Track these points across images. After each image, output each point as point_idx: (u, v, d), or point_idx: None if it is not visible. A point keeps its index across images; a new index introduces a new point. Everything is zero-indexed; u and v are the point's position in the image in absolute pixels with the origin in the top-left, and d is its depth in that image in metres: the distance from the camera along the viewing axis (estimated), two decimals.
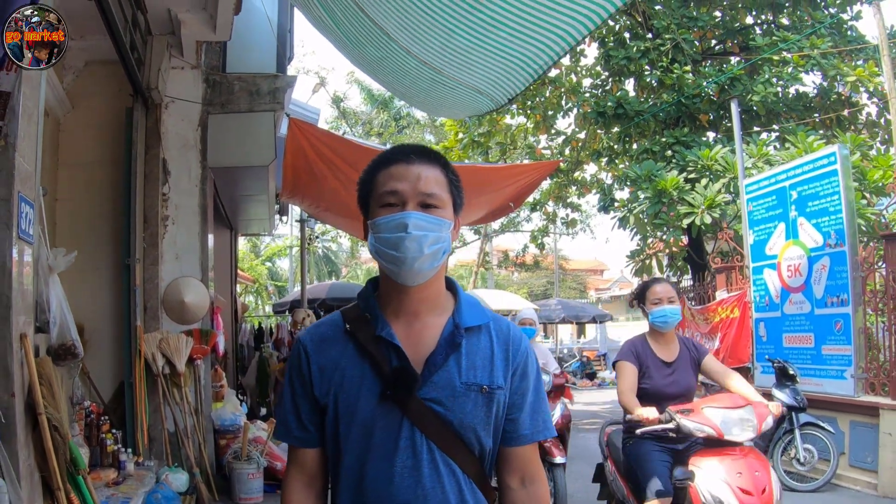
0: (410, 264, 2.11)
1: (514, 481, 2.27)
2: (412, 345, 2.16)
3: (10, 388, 3.23)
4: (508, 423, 2.24)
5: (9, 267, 3.25)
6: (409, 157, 2.21)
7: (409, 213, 2.11)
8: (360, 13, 6.93)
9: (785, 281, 11.21)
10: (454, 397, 2.12)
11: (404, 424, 2.09)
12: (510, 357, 2.24)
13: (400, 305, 2.22)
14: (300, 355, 2.23)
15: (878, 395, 9.53)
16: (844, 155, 10.13)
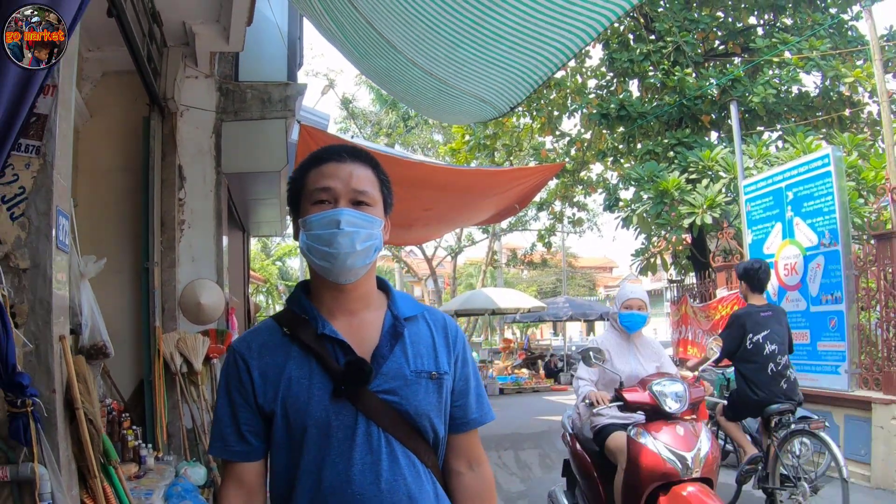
0: (343, 260, 2.12)
1: (462, 465, 2.32)
2: (355, 340, 2.17)
3: (51, 385, 3.53)
4: (456, 409, 2.29)
5: (49, 275, 3.54)
6: (342, 156, 2.24)
7: (342, 210, 2.13)
8: (367, 26, 7.23)
9: (782, 279, 11.47)
10: (406, 386, 2.14)
11: (359, 420, 2.09)
12: (450, 344, 2.30)
13: (335, 304, 2.23)
14: (237, 364, 2.18)
15: (871, 390, 9.78)
16: (838, 157, 10.38)
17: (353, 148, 2.29)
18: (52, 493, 3.40)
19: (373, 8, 6.87)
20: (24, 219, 3.54)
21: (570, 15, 6.19)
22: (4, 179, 3.47)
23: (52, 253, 3.56)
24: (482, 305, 29.04)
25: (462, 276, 55.57)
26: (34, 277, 3.53)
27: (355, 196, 2.17)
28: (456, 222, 20.04)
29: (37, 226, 3.55)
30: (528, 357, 31.67)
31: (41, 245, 3.55)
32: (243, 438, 2.15)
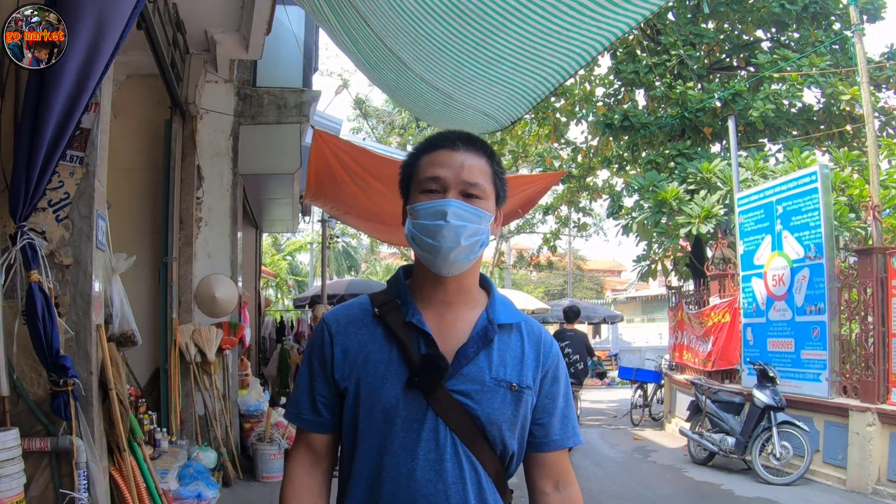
0: (446, 254, 2.04)
1: (548, 486, 2.23)
2: (443, 335, 2.10)
3: (89, 368, 3.97)
4: (538, 427, 2.20)
5: (89, 271, 3.99)
6: (455, 143, 2.14)
7: (450, 202, 2.04)
8: (379, 42, 7.65)
9: (770, 289, 11.86)
10: (483, 391, 2.06)
11: (428, 415, 2.02)
12: (541, 359, 2.20)
13: (432, 294, 2.16)
14: (323, 335, 2.16)
15: (850, 398, 10.19)
16: (825, 174, 10.77)
17: (468, 135, 2.20)
18: (87, 463, 3.85)
19: (384, 26, 7.29)
20: (69, 221, 3.98)
21: (567, 38, 6.62)
22: (51, 186, 3.89)
23: (92, 251, 4.01)
24: None
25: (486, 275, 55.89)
26: (76, 273, 3.97)
27: (466, 188, 2.08)
28: None
29: (79, 227, 3.99)
30: None
31: (83, 244, 3.99)
32: (316, 409, 2.15)
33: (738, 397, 11.42)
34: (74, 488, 3.79)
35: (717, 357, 13.55)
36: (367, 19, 7.30)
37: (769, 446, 10.32)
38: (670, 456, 12.73)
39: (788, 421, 10.30)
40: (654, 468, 11.83)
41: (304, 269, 50.24)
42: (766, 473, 10.22)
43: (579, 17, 6.28)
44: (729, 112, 16.59)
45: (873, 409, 9.60)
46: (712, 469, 11.33)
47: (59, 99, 3.56)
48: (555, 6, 6.12)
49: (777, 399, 10.37)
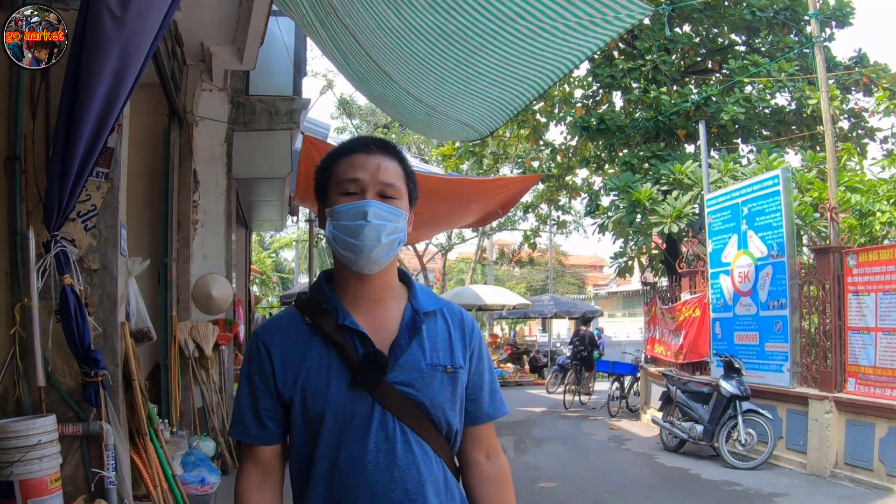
0: (368, 252, 2.11)
1: (479, 456, 2.33)
2: (375, 331, 2.17)
3: (115, 361, 4.42)
4: (471, 402, 2.30)
5: (115, 275, 4.44)
6: (370, 147, 2.22)
7: (370, 202, 2.12)
8: (367, 57, 8.11)
9: (736, 286, 12.40)
10: (422, 378, 2.14)
11: (376, 409, 2.09)
12: (467, 339, 2.30)
13: (358, 294, 2.22)
14: (260, 350, 2.19)
15: (809, 387, 10.74)
16: (787, 178, 11.32)
17: (381, 140, 2.29)
18: (115, 445, 4.30)
19: (371, 42, 7.76)
20: (96, 230, 4.43)
21: (542, 57, 7.13)
22: (81, 199, 4.33)
23: (117, 257, 4.46)
24: (470, 301, 29.68)
25: (453, 271, 55.99)
26: (103, 276, 4.42)
27: (383, 189, 2.17)
28: (444, 225, 20.95)
29: (105, 235, 4.44)
30: (514, 352, 32.39)
31: (108, 251, 4.44)
32: (261, 423, 2.18)
33: (707, 388, 11.93)
34: (103, 468, 4.24)
35: (688, 350, 14.10)
36: (355, 35, 7.75)
37: (735, 433, 10.85)
38: (644, 444, 13.27)
39: (753, 409, 10.83)
40: (628, 455, 12.37)
41: (289, 266, 50.47)
42: (733, 459, 10.76)
43: (553, 38, 6.77)
44: (701, 115, 17.10)
45: (830, 397, 10.16)
46: (683, 456, 11.87)
47: (89, 123, 3.96)
48: (530, 29, 6.62)
49: (742, 389, 10.90)
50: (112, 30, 3.90)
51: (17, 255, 4.19)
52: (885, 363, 9.42)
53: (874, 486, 9.30)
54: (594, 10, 6.39)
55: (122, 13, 3.87)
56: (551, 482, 10.05)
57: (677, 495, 9.42)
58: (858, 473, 9.65)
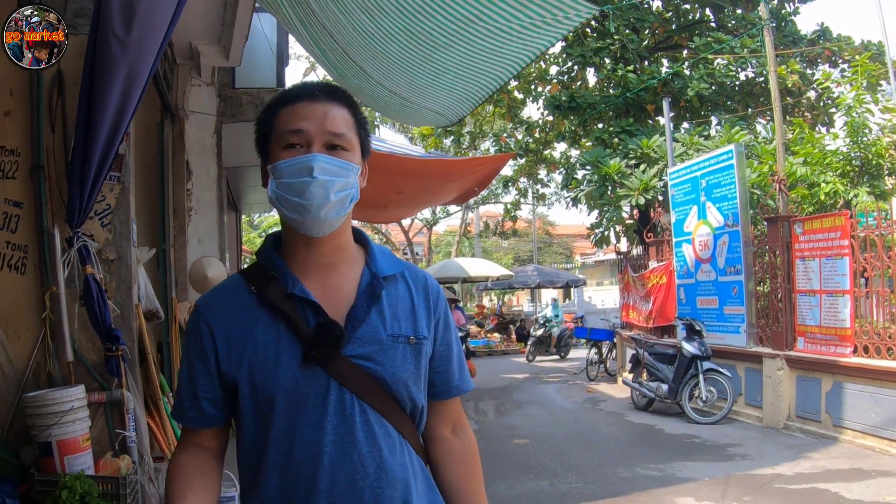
0: (316, 212, 1.89)
1: (446, 430, 2.16)
2: (328, 300, 1.96)
3: (132, 337, 5.10)
4: (438, 375, 2.11)
5: (129, 264, 5.10)
6: (315, 94, 1.99)
7: (315, 156, 1.89)
8: (344, 54, 8.76)
9: (697, 254, 13.14)
10: (382, 351, 1.94)
11: (331, 386, 1.88)
12: (431, 306, 2.09)
13: (307, 259, 2.00)
14: (199, 325, 1.98)
15: (764, 347, 11.51)
16: (740, 152, 12.04)
17: (327, 85, 2.06)
18: (134, 410, 4.99)
19: (348, 42, 8.42)
20: (111, 226, 5.08)
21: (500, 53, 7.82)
22: (97, 200, 4.97)
23: (130, 248, 5.13)
24: (455, 274, 30.14)
25: (441, 244, 56.33)
26: (119, 266, 5.09)
27: (330, 139, 1.94)
28: (424, 203, 21.58)
29: (119, 230, 5.10)
30: (501, 322, 32.99)
31: (122, 244, 5.10)
32: (198, 405, 1.99)
33: (672, 349, 12.66)
34: (125, 429, 4.92)
35: (656, 315, 14.85)
36: (332, 35, 8.40)
37: (697, 391, 11.62)
38: (617, 404, 14.04)
39: (713, 368, 11.59)
40: (601, 415, 13.15)
41: None
42: (695, 415, 11.53)
43: (509, 37, 7.46)
44: (668, 91, 17.76)
45: (782, 355, 10.98)
46: (651, 413, 12.64)
47: (102, 134, 4.56)
48: (489, 30, 7.31)
49: (703, 349, 11.66)
50: (118, 52, 4.43)
51: (44, 250, 4.79)
52: (828, 322, 10.19)
53: (821, 436, 10.09)
54: (545, 11, 7.05)
55: (126, 37, 4.36)
56: (525, 439, 10.82)
57: (640, 447, 10.19)
58: (808, 425, 10.46)
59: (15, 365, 4.71)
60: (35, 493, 4.19)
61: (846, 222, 9.93)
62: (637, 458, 9.48)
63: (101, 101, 4.45)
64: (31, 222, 4.84)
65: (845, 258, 9.90)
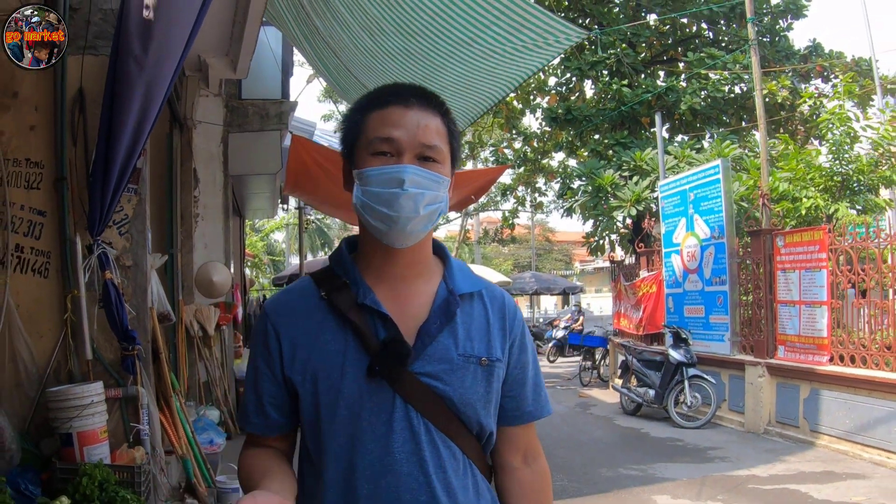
0: (403, 225, 1.79)
1: (516, 460, 2.02)
2: (401, 313, 1.85)
3: (146, 338, 5.45)
4: (510, 400, 1.98)
5: (144, 270, 5.47)
6: (409, 100, 1.86)
7: (406, 167, 1.78)
8: (348, 72, 9.18)
9: (685, 264, 13.52)
10: (452, 370, 1.83)
11: (397, 403, 1.79)
12: (507, 328, 1.96)
13: (383, 269, 1.89)
14: (266, 330, 1.91)
15: (747, 355, 11.89)
16: (726, 167, 12.43)
17: (421, 90, 1.93)
18: (148, 405, 5.35)
19: (350, 60, 8.83)
20: (129, 235, 5.44)
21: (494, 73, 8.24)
22: (116, 210, 5.35)
23: (146, 256, 5.50)
24: None
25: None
26: (135, 272, 5.45)
27: (423, 151, 1.82)
28: None
29: (136, 239, 5.47)
30: None
31: (138, 251, 5.47)
32: (263, 411, 1.92)
33: (659, 356, 13.00)
34: (139, 423, 5.28)
35: (646, 322, 15.22)
36: (335, 51, 8.82)
37: (682, 396, 11.99)
38: (607, 409, 14.41)
39: (698, 375, 11.96)
40: (591, 418, 13.53)
41: (279, 247, 51.08)
42: (680, 419, 11.90)
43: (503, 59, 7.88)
44: (662, 104, 18.16)
45: (763, 363, 11.38)
46: (638, 418, 13.01)
47: (122, 149, 4.87)
48: (484, 51, 7.71)
49: (689, 356, 12.04)
50: (136, 74, 4.71)
51: (66, 256, 5.12)
52: (806, 332, 10.57)
53: (799, 441, 10.46)
54: (537, 35, 7.45)
55: (144, 59, 4.62)
56: None
57: (625, 449, 10.57)
58: (787, 430, 10.85)
59: (37, 362, 5.02)
60: (56, 481, 4.48)
61: (824, 236, 10.31)
62: (621, 459, 9.86)
63: (121, 119, 4.72)
64: (54, 230, 5.15)
65: (823, 270, 10.28)
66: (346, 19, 8.12)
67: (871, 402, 9.51)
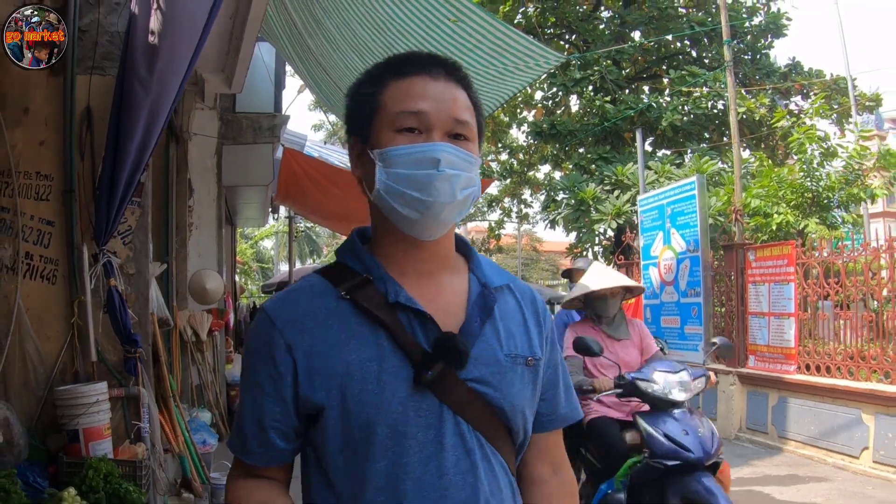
0: (438, 211, 1.57)
1: (546, 471, 1.81)
2: (436, 311, 1.61)
3: (148, 341, 5.76)
4: (545, 403, 1.77)
5: (146, 278, 5.79)
6: (435, 70, 1.65)
7: (441, 145, 1.56)
8: (336, 88, 9.52)
9: (662, 276, 13.87)
10: (500, 374, 1.62)
11: (445, 416, 1.55)
12: (541, 322, 1.76)
13: (406, 264, 1.66)
14: (272, 340, 1.60)
15: (719, 364, 12.25)
16: (702, 183, 12.78)
17: (443, 59, 1.71)
18: (148, 405, 5.67)
19: (339, 77, 9.17)
20: (132, 244, 5.76)
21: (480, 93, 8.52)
22: (121, 221, 5.67)
23: (148, 265, 5.83)
24: None
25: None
26: (138, 279, 5.77)
27: (454, 127, 1.61)
28: None
29: (139, 249, 5.79)
30: None
31: (141, 260, 5.79)
32: (266, 439, 1.63)
33: None
34: (140, 421, 5.59)
35: None
36: (326, 69, 9.17)
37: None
38: None
39: None
40: None
41: (268, 254, 51.25)
42: None
43: (485, 81, 8.23)
44: (644, 120, 18.58)
45: (734, 372, 11.81)
46: None
47: (127, 165, 5.17)
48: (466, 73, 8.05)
49: None
50: (141, 94, 5.00)
51: (74, 263, 5.40)
52: (775, 342, 10.98)
53: (768, 446, 10.84)
54: (518, 59, 7.83)
55: (149, 80, 4.89)
56: None
57: None
58: (756, 436, 11.22)
59: (45, 363, 5.31)
60: (62, 475, 4.79)
61: (792, 251, 10.71)
62: None
63: (127, 136, 5.01)
64: (62, 239, 5.43)
65: (791, 284, 10.67)
66: (337, 40, 8.48)
67: (834, 409, 9.89)
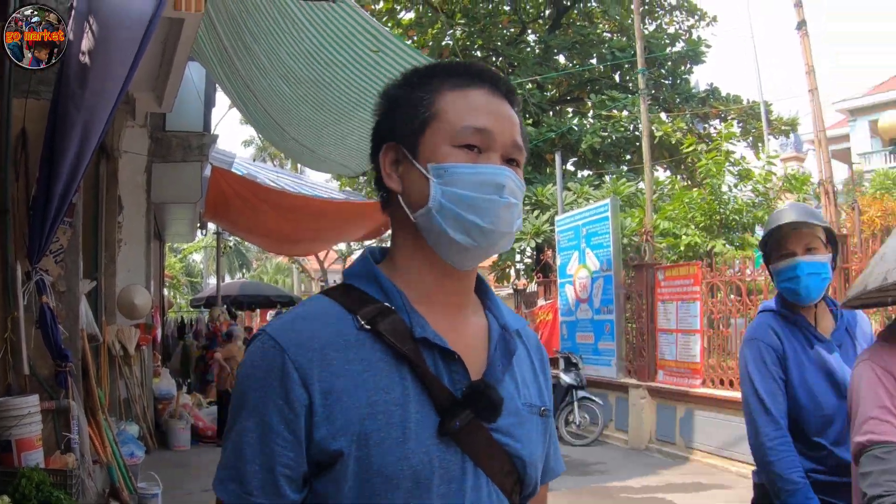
0: (495, 241, 1.39)
1: None
2: (460, 351, 1.39)
3: (78, 356, 5.98)
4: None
5: (77, 295, 6.01)
6: (496, 85, 1.46)
7: (506, 170, 1.38)
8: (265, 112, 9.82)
9: (578, 294, 14.37)
10: (520, 424, 1.44)
11: (467, 468, 1.36)
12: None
13: (435, 294, 1.43)
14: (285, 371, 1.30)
15: (631, 378, 12.78)
16: (615, 206, 13.34)
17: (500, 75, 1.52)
18: (78, 417, 5.88)
19: (267, 100, 9.48)
20: (63, 263, 5.97)
21: None
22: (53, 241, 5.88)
23: (78, 283, 6.05)
24: None
25: None
26: (68, 297, 5.99)
27: (511, 152, 1.43)
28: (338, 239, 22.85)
29: (70, 267, 6.00)
30: None
31: (72, 279, 6.01)
32: (275, 486, 1.30)
33: (553, 380, 13.73)
34: (70, 432, 5.80)
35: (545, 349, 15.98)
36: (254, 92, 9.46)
37: (572, 416, 12.79)
38: None
39: (587, 397, 12.79)
40: None
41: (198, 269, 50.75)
42: (570, 438, 12.65)
43: None
44: (565, 142, 19.14)
45: (644, 386, 12.30)
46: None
47: (60, 186, 5.33)
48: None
49: (578, 380, 12.85)
50: (74, 114, 5.06)
51: (8, 281, 5.61)
52: (682, 357, 11.50)
53: (676, 456, 11.34)
54: None
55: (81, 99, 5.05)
56: None
57: None
58: (665, 447, 11.72)
59: None
60: None
61: (698, 271, 11.25)
62: None
63: (61, 156, 5.17)
64: None
65: (696, 302, 11.21)
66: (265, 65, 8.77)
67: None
